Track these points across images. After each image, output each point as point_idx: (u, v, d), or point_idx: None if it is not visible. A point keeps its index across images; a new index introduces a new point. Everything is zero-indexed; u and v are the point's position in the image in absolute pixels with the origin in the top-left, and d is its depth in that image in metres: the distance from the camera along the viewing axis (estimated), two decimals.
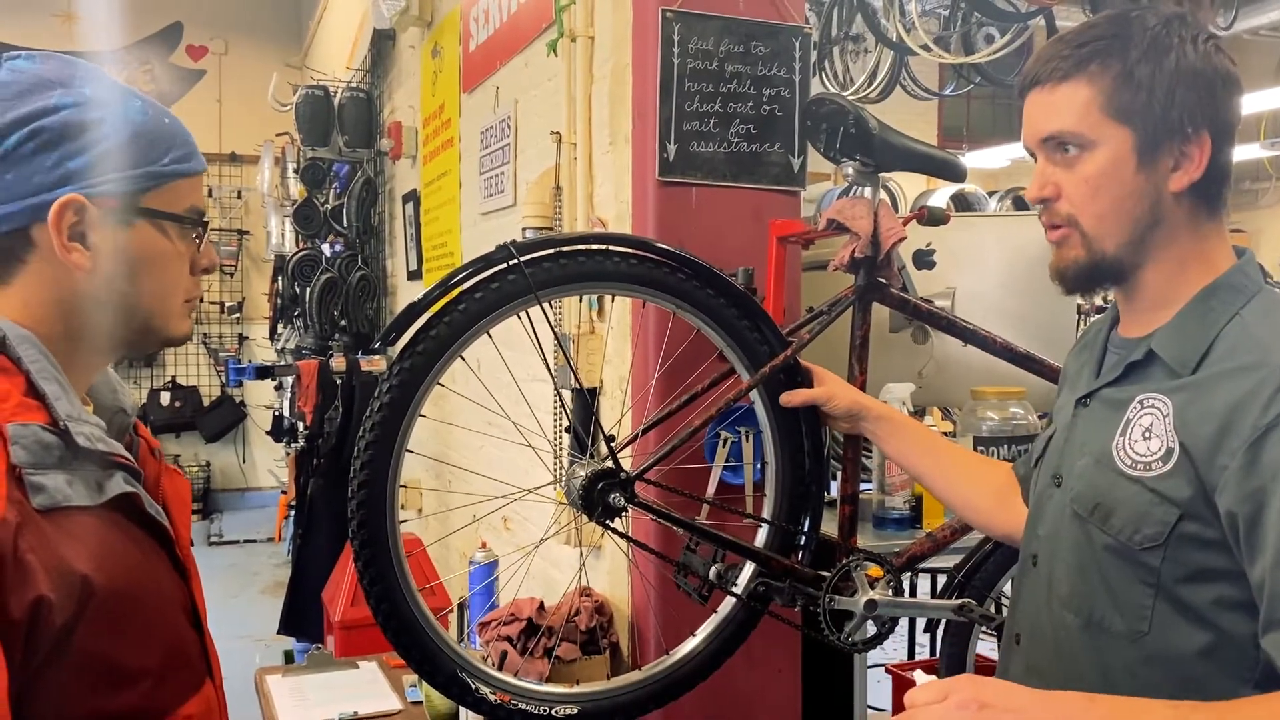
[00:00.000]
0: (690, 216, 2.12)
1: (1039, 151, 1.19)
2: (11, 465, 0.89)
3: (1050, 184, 1.18)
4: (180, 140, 1.06)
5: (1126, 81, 1.12)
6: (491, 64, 3.23)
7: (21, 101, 0.97)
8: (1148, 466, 1.10)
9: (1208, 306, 1.13)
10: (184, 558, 1.08)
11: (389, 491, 1.48)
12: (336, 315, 5.42)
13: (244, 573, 6.67)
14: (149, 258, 1.04)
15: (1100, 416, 1.20)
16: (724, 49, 2.11)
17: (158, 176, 1.03)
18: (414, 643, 1.52)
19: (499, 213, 3.23)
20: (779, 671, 2.18)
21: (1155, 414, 1.11)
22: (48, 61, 1.02)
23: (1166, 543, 1.08)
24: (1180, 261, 1.16)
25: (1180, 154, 1.13)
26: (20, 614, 0.86)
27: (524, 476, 1.87)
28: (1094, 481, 1.16)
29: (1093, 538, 1.16)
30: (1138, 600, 1.11)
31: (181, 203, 1.06)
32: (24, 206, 0.97)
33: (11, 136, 0.97)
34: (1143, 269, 1.17)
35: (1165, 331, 1.15)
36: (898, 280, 1.81)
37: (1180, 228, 1.15)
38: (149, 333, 1.07)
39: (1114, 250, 1.16)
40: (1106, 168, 1.14)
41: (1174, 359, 1.12)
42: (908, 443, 1.59)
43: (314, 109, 5.25)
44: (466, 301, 1.49)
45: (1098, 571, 1.15)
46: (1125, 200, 1.14)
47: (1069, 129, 1.15)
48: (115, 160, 1.00)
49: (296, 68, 7.83)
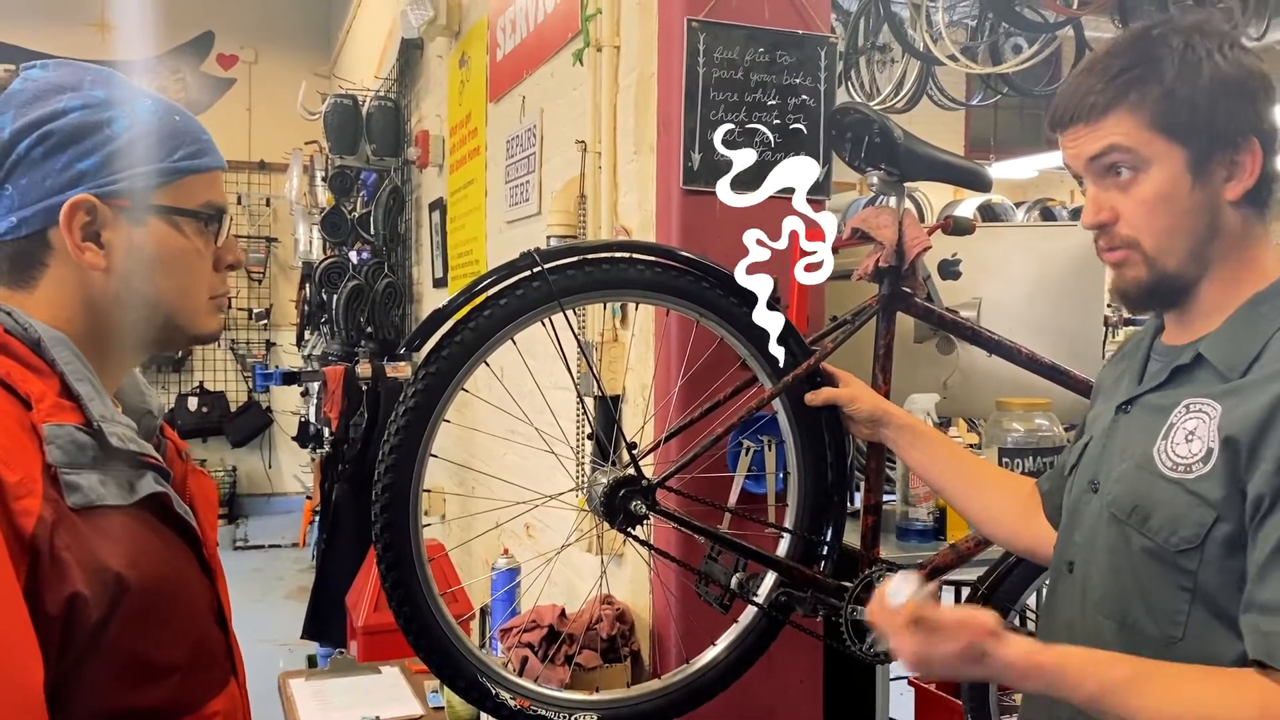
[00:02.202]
0: (714, 225, 2.12)
1: (1087, 175, 1.19)
2: (47, 464, 0.91)
3: (1106, 208, 1.17)
4: (191, 137, 1.06)
5: (1169, 103, 1.12)
6: (518, 73, 3.25)
7: (31, 108, 0.99)
8: (1188, 469, 1.10)
9: (1258, 313, 1.13)
10: (210, 558, 1.10)
11: (413, 496, 1.49)
12: (363, 322, 5.45)
13: (268, 577, 6.71)
14: (165, 255, 1.05)
15: (1142, 422, 1.19)
16: (749, 58, 2.11)
17: (169, 173, 1.04)
18: (436, 647, 1.53)
19: (524, 221, 3.25)
20: (800, 682, 2.17)
21: (1201, 418, 1.11)
22: (61, 69, 1.04)
23: (1203, 545, 1.07)
24: (1235, 269, 1.16)
25: (1232, 163, 1.13)
26: (56, 610, 0.88)
27: (546, 483, 1.88)
28: (1134, 485, 1.16)
29: (1130, 540, 1.15)
30: (1173, 605, 1.10)
31: (196, 198, 1.06)
32: (38, 210, 0.99)
33: (23, 142, 0.99)
34: (1202, 281, 1.17)
35: (1214, 336, 1.15)
36: (922, 290, 1.80)
37: (1236, 236, 1.15)
38: (174, 330, 1.08)
39: (1176, 267, 1.16)
40: (1164, 188, 1.14)
41: (1223, 363, 1.12)
42: (929, 453, 1.58)
43: (342, 118, 5.30)
44: (491, 308, 1.50)
45: (1133, 574, 1.15)
46: (1185, 217, 1.14)
47: (1121, 143, 1.14)
48: (125, 159, 1.01)
49: (325, 77, 7.90)
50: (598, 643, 2.15)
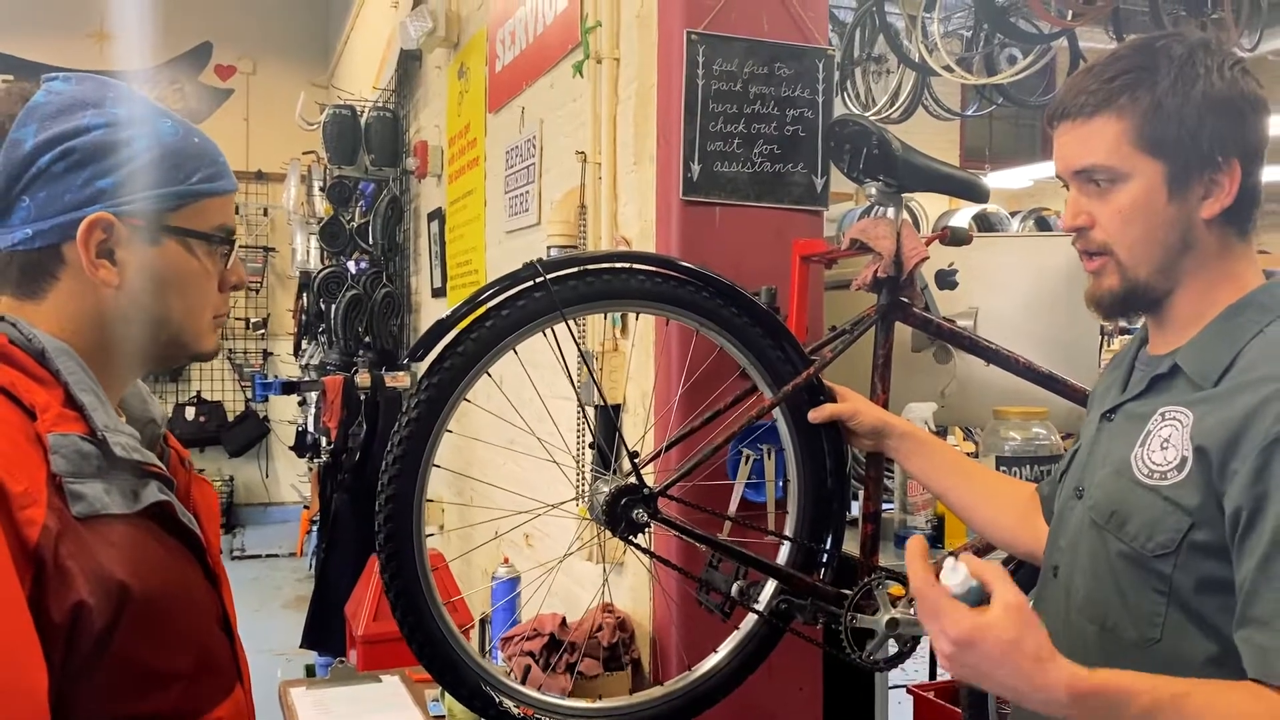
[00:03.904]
0: (714, 236, 2.14)
1: (1071, 181, 1.21)
2: (52, 474, 0.92)
3: (1084, 213, 1.20)
4: (209, 160, 1.08)
5: (1156, 114, 1.14)
6: (518, 85, 3.27)
7: (55, 122, 1.00)
8: (1163, 475, 1.12)
9: (1234, 323, 1.15)
10: (214, 565, 1.11)
11: (415, 507, 1.50)
12: (361, 332, 5.46)
13: (266, 587, 6.70)
14: (176, 275, 1.06)
15: (1123, 430, 1.21)
16: (748, 70, 2.13)
17: (185, 195, 1.05)
18: (439, 656, 1.53)
19: (523, 231, 3.26)
20: (800, 690, 2.18)
21: (1175, 425, 1.13)
22: (83, 83, 1.04)
23: (1178, 550, 1.09)
24: (1210, 283, 1.18)
25: (1211, 182, 1.14)
26: (61, 618, 0.89)
27: (547, 492, 1.89)
28: (1112, 491, 1.18)
29: (1108, 545, 1.17)
30: (1150, 608, 1.12)
31: (209, 221, 1.08)
32: (55, 224, 1.00)
33: (44, 156, 1.00)
34: (1174, 293, 1.19)
35: (1190, 346, 1.17)
36: (920, 300, 1.82)
37: (1211, 252, 1.17)
38: (177, 348, 1.10)
39: (1147, 277, 1.18)
40: (1139, 199, 1.16)
41: (1197, 372, 1.14)
42: (931, 461, 1.60)
43: (341, 128, 5.31)
44: (493, 319, 1.51)
45: (1112, 578, 1.16)
46: (1157, 230, 1.16)
47: (1101, 163, 1.17)
48: (144, 179, 1.02)
49: (323, 87, 7.92)
50: (599, 651, 2.16)
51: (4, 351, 0.97)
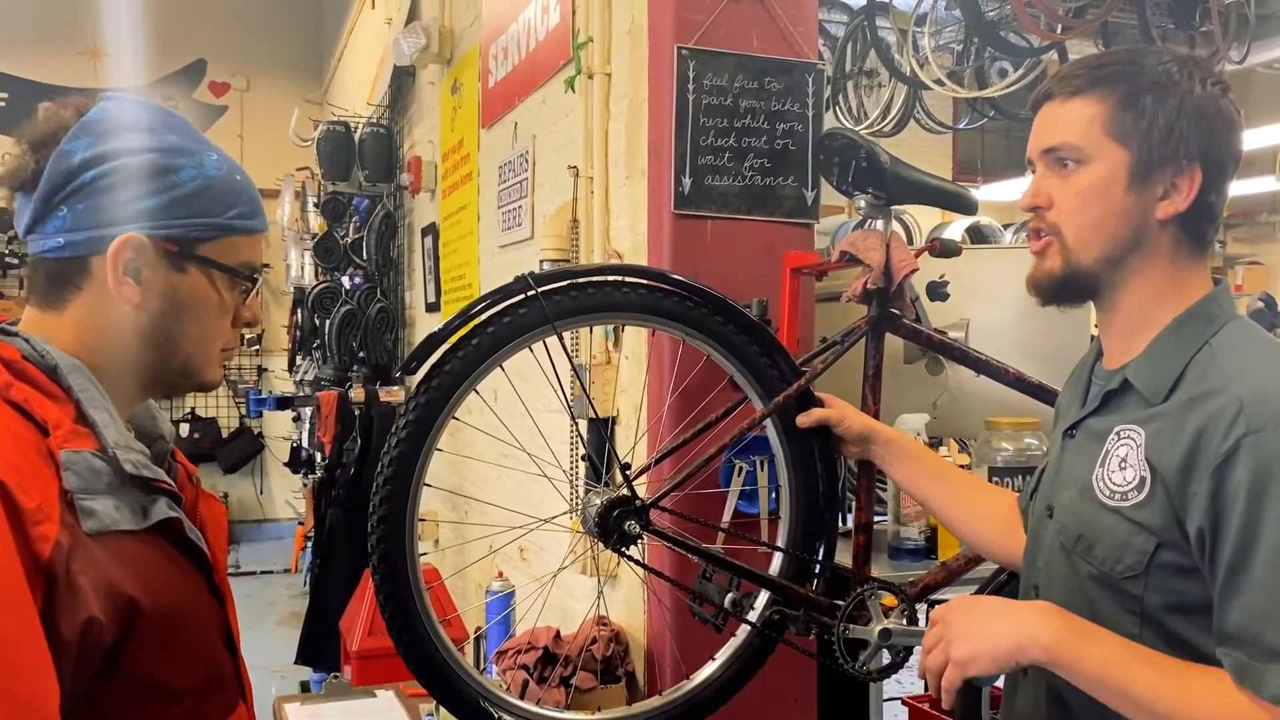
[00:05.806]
0: (705, 249, 2.15)
1: (1039, 163, 1.23)
2: (64, 490, 0.93)
3: (1043, 194, 1.21)
4: (247, 198, 1.11)
5: (1131, 105, 1.16)
6: (510, 100, 3.28)
7: (106, 140, 1.03)
8: (1124, 496, 1.13)
9: (1179, 336, 1.16)
10: (220, 582, 1.12)
11: (408, 524, 1.50)
12: (355, 347, 5.46)
13: (260, 603, 6.68)
14: (195, 303, 1.08)
15: (1083, 448, 1.23)
16: (738, 85, 2.15)
17: (220, 229, 1.08)
18: (436, 673, 1.53)
19: (517, 245, 3.28)
20: (795, 701, 2.18)
21: (1130, 444, 1.14)
22: (139, 107, 1.07)
23: (1147, 571, 1.11)
24: (1155, 289, 1.19)
25: (1171, 184, 1.16)
26: (71, 634, 0.89)
27: (539, 507, 1.89)
28: (1078, 514, 1.19)
29: (1078, 569, 1.19)
30: (1124, 629, 1.13)
31: (237, 257, 1.10)
32: (88, 237, 1.02)
33: (90, 170, 1.02)
34: (1117, 290, 1.20)
35: (1138, 361, 1.18)
36: (911, 311, 1.83)
37: (1160, 256, 1.18)
38: (184, 375, 1.11)
39: (1090, 264, 1.19)
40: (1098, 182, 1.17)
41: (1146, 388, 1.15)
42: (915, 467, 1.61)
43: (335, 144, 5.33)
44: (480, 335, 1.51)
45: (1085, 601, 1.17)
46: (1111, 217, 1.17)
47: (1070, 142, 1.18)
48: (182, 207, 1.05)
49: (317, 104, 7.95)
50: (594, 664, 2.15)
51: (18, 367, 0.98)
